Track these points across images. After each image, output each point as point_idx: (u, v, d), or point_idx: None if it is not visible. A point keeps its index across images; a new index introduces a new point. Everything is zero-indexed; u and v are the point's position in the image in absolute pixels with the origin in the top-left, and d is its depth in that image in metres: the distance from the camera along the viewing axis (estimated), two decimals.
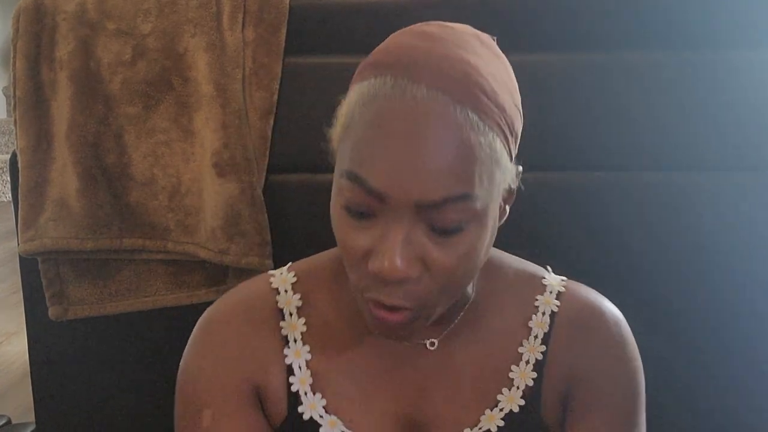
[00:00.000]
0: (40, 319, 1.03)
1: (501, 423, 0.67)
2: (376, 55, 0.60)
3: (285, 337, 0.69)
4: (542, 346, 0.69)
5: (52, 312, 1.02)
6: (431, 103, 0.54)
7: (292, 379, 0.68)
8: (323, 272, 0.72)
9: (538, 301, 0.71)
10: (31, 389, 1.08)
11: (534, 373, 0.68)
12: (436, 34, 0.59)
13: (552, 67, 1.01)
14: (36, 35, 1.01)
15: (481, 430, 0.67)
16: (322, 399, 0.68)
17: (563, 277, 0.73)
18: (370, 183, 0.55)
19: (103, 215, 0.98)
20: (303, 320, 0.70)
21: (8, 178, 1.21)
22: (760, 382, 1.01)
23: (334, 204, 0.60)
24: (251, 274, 0.85)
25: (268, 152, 1.01)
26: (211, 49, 1.01)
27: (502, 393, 0.68)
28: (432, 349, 0.69)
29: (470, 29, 0.61)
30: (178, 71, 1.01)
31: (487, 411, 0.68)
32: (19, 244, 0.98)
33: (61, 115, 1.00)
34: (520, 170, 0.63)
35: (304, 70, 1.03)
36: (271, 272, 0.73)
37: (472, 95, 0.55)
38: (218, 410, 0.67)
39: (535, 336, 0.69)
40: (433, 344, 0.69)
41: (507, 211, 0.64)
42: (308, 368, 0.69)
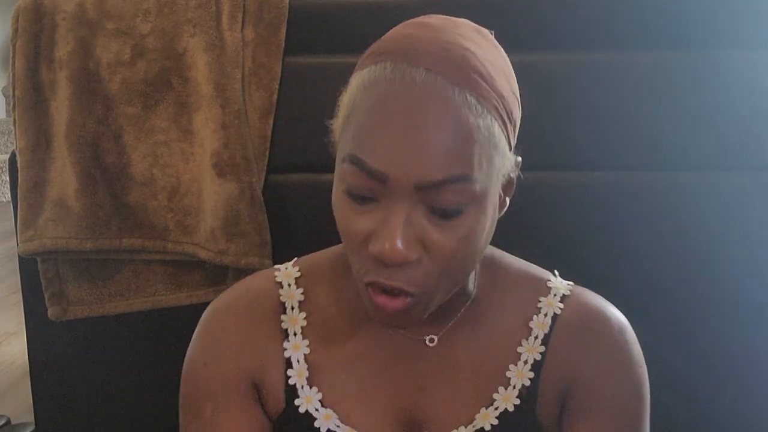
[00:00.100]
0: (39, 319, 1.03)
1: (495, 422, 0.67)
2: (376, 45, 0.61)
3: (285, 331, 0.70)
4: (541, 347, 0.69)
5: (52, 312, 1.02)
6: (430, 85, 0.55)
7: (290, 372, 0.69)
8: (327, 268, 0.73)
9: (541, 302, 0.71)
10: (30, 389, 1.08)
11: (531, 373, 0.68)
12: (435, 24, 0.60)
13: (552, 67, 1.01)
14: (35, 35, 1.01)
15: (476, 428, 0.67)
16: (318, 393, 0.68)
17: (570, 282, 0.73)
18: (371, 164, 0.55)
19: (102, 215, 0.98)
20: (304, 314, 0.70)
21: (7, 178, 1.21)
22: (761, 382, 1.01)
23: (336, 191, 0.60)
24: (251, 274, 0.85)
25: (267, 152, 1.01)
26: (211, 48, 1.01)
27: (499, 392, 0.68)
28: (431, 345, 0.69)
29: (470, 23, 0.62)
30: (177, 71, 1.01)
31: (482, 409, 0.68)
32: (18, 244, 0.98)
33: (61, 115, 1.00)
34: (519, 160, 0.64)
35: (304, 70, 1.03)
36: (277, 267, 0.74)
37: (470, 79, 0.56)
38: (219, 403, 0.68)
39: (535, 336, 0.69)
40: (433, 340, 0.69)
41: (507, 203, 0.65)
42: (306, 362, 0.69)
